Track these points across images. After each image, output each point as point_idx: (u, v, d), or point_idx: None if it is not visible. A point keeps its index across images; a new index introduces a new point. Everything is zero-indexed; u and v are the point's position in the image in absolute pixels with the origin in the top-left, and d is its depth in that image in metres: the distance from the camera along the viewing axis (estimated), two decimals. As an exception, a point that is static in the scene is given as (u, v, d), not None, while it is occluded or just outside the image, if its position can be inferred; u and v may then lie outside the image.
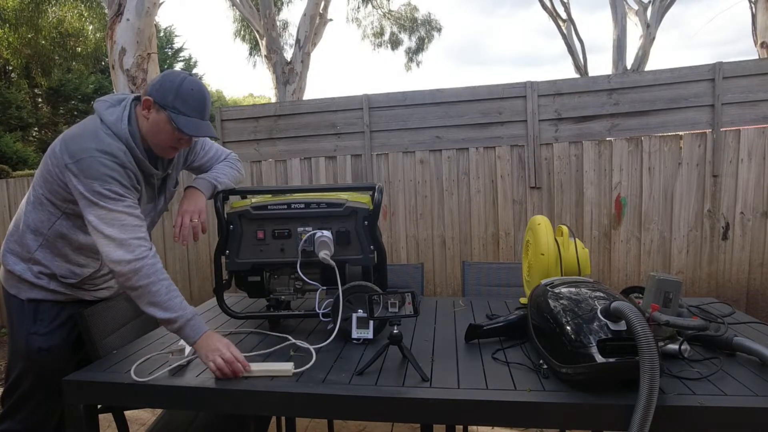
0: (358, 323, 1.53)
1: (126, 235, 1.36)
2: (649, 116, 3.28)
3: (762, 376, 1.21)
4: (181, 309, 1.36)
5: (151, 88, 1.44)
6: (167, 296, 1.36)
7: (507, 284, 2.30)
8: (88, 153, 1.37)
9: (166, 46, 20.16)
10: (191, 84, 1.44)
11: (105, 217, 1.36)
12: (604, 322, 1.16)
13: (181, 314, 1.36)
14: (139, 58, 5.40)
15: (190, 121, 1.44)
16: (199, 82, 1.48)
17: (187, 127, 1.43)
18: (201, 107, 1.46)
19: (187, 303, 1.40)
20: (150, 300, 1.36)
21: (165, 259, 4.05)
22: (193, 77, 1.47)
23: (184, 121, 1.42)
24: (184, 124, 1.42)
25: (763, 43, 7.11)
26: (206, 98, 1.47)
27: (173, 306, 1.36)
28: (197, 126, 1.45)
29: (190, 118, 1.44)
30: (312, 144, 3.74)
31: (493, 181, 3.48)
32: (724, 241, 3.25)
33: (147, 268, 1.35)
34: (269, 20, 9.01)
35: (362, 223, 1.61)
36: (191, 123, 1.44)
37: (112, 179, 1.38)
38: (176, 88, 1.42)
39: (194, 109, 1.45)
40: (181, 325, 1.36)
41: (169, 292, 1.37)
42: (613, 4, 10.99)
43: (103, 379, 1.34)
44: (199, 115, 1.46)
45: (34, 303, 1.54)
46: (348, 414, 1.25)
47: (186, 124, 1.43)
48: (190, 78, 1.46)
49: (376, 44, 16.00)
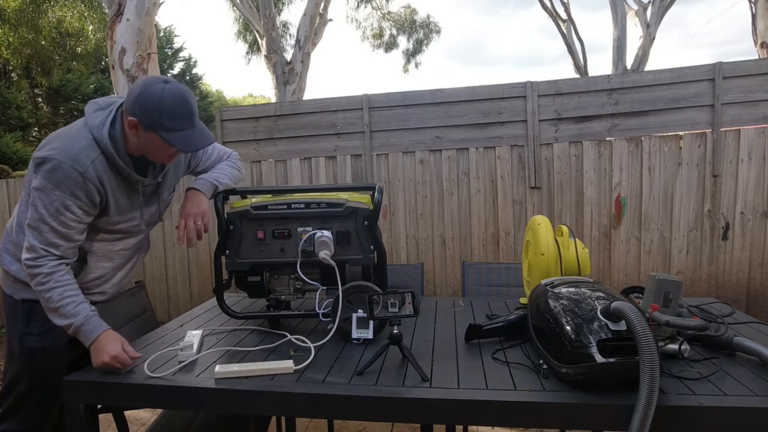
0: (358, 323, 1.53)
1: (38, 241, 1.37)
2: (649, 116, 3.28)
3: (762, 376, 1.21)
4: (73, 316, 1.38)
5: (132, 106, 1.37)
6: (59, 303, 1.38)
7: (507, 284, 2.30)
8: (54, 153, 1.35)
9: (166, 46, 20.16)
10: (173, 96, 1.36)
11: (37, 216, 1.36)
12: (604, 322, 1.16)
13: (72, 321, 1.38)
14: (139, 58, 5.40)
15: (184, 135, 1.39)
16: (179, 88, 1.39)
17: (183, 143, 1.39)
18: (190, 115, 1.40)
19: (84, 307, 1.40)
20: (45, 306, 1.41)
21: (165, 259, 4.05)
22: (172, 83, 1.39)
23: (178, 139, 1.38)
24: (179, 141, 1.38)
25: (763, 43, 7.11)
26: (192, 104, 1.41)
27: (66, 312, 1.38)
28: (193, 138, 1.41)
29: (183, 132, 1.39)
30: (312, 144, 3.74)
31: (493, 181, 3.48)
32: (724, 241, 3.25)
33: (41, 277, 1.37)
34: (269, 20, 9.01)
35: (362, 223, 1.61)
36: (186, 137, 1.39)
37: (64, 187, 1.35)
38: (158, 105, 1.35)
39: (184, 122, 1.39)
40: (74, 330, 1.39)
41: (62, 299, 1.38)
42: (613, 4, 10.99)
43: (103, 379, 1.34)
44: (190, 124, 1.40)
45: (29, 303, 1.53)
46: (348, 414, 1.25)
47: (182, 141, 1.39)
48: (169, 87, 1.37)
49: (375, 46, 16.02)
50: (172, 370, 1.36)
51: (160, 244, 4.05)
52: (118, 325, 1.77)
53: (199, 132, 1.43)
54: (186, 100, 1.39)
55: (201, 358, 1.45)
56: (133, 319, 1.87)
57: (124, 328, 1.79)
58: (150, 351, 1.52)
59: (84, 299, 1.42)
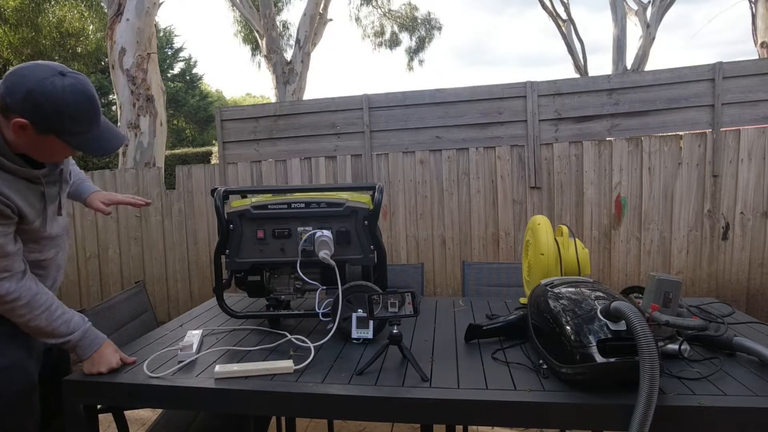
0: (358, 323, 1.53)
1: None
2: (649, 116, 3.28)
3: (762, 376, 1.21)
4: (68, 334, 1.32)
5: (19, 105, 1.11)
6: (50, 328, 1.29)
7: (507, 284, 2.30)
8: None
9: (166, 46, 20.17)
10: (76, 94, 1.14)
11: None
12: (604, 322, 1.16)
13: (69, 338, 1.33)
14: (139, 58, 5.40)
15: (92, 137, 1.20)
16: (81, 81, 1.16)
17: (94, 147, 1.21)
18: (94, 114, 1.19)
19: (76, 321, 1.34)
20: (32, 332, 1.30)
21: (165, 259, 4.05)
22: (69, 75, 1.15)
23: (87, 142, 1.20)
24: (89, 145, 1.20)
25: (763, 43, 7.11)
26: (94, 98, 1.18)
27: (60, 333, 1.31)
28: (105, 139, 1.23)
29: (90, 134, 1.20)
30: (312, 144, 3.74)
31: (493, 181, 3.48)
32: (724, 241, 3.25)
33: (17, 308, 1.24)
34: (269, 20, 9.01)
35: (362, 223, 1.61)
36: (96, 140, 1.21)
37: None
38: (59, 106, 1.12)
39: (91, 122, 1.19)
40: (72, 346, 1.35)
41: (51, 323, 1.29)
42: (613, 4, 10.99)
43: (103, 379, 1.34)
44: (97, 124, 1.21)
45: None
46: (348, 414, 1.25)
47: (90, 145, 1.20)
48: (69, 82, 1.13)
49: (376, 44, 16.02)
50: (172, 370, 1.36)
51: (160, 243, 4.05)
52: (119, 325, 1.77)
53: (108, 130, 1.24)
54: (92, 96, 1.17)
55: (201, 358, 1.45)
56: (133, 319, 1.88)
57: (124, 328, 1.79)
58: (150, 351, 1.52)
59: (69, 310, 1.35)
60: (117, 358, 1.39)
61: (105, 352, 1.38)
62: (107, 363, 1.36)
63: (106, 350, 1.38)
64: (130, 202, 1.71)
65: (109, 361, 1.36)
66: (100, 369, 1.35)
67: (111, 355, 1.38)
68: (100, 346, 1.37)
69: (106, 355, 1.37)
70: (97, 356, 1.36)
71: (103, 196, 1.68)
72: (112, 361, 1.37)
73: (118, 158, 5.70)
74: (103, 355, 1.37)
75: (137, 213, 4.06)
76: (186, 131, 21.54)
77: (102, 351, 1.37)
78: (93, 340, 1.37)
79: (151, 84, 5.49)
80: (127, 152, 5.41)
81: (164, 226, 4.03)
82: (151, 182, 4.01)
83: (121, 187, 4.06)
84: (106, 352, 1.38)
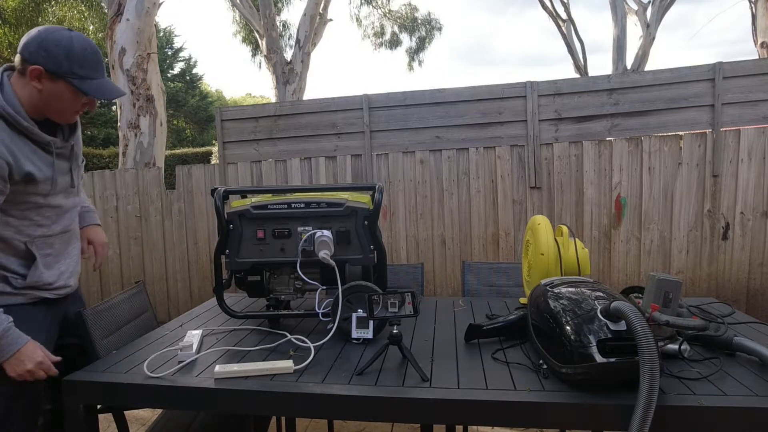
0: (358, 323, 1.53)
1: None
2: (649, 116, 3.28)
3: (762, 376, 1.21)
4: None
5: (34, 55, 1.25)
6: None
7: (507, 284, 2.30)
8: None
9: (166, 46, 20.18)
10: (81, 42, 1.29)
11: None
12: (604, 322, 1.16)
13: None
14: (139, 58, 5.40)
15: (97, 83, 1.32)
16: (83, 36, 1.32)
17: (97, 90, 1.32)
18: (100, 65, 1.33)
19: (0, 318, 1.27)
20: None
21: (165, 259, 4.06)
22: (75, 32, 1.31)
23: (91, 86, 1.31)
24: (93, 88, 1.31)
25: (763, 43, 7.11)
26: (97, 48, 1.33)
27: None
28: (107, 86, 1.34)
29: (94, 81, 1.32)
30: (312, 144, 3.74)
31: (493, 181, 3.48)
32: (724, 241, 3.25)
33: None
34: (269, 20, 9.01)
35: (362, 223, 1.61)
36: (99, 85, 1.32)
37: None
38: (67, 51, 1.26)
39: (95, 69, 1.32)
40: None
41: None
42: (613, 4, 11.00)
43: (103, 379, 1.34)
44: (101, 74, 1.33)
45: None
46: (348, 414, 1.25)
47: (96, 89, 1.32)
48: (76, 35, 1.30)
49: (376, 44, 16.03)
50: (171, 370, 1.36)
51: (160, 243, 4.05)
52: (119, 325, 1.77)
53: (110, 82, 1.37)
54: (95, 48, 1.33)
55: (201, 358, 1.45)
56: (133, 319, 1.88)
57: (124, 328, 1.79)
58: (150, 351, 1.52)
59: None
60: (41, 354, 1.31)
61: (27, 349, 1.30)
62: (31, 358, 1.29)
63: (29, 347, 1.30)
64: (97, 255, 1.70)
65: (32, 357, 1.29)
66: (26, 367, 1.28)
67: (34, 351, 1.30)
68: (23, 345, 1.29)
69: (29, 352, 1.30)
70: (20, 355, 1.28)
71: (91, 236, 1.70)
72: (37, 357, 1.30)
73: (118, 158, 5.69)
74: (24, 352, 1.29)
75: (137, 213, 4.06)
76: (186, 131, 21.55)
77: (24, 349, 1.29)
78: (15, 339, 1.29)
79: (151, 84, 5.49)
80: (127, 152, 5.41)
81: (164, 226, 4.03)
82: (151, 182, 4.01)
83: (121, 187, 4.06)
84: (29, 349, 1.30)
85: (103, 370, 1.39)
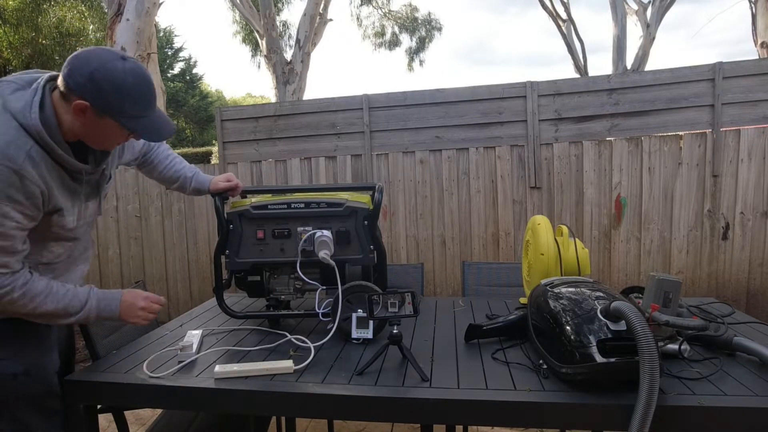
0: (358, 323, 1.53)
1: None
2: (649, 116, 3.28)
3: (762, 376, 1.21)
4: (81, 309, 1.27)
5: (82, 88, 1.12)
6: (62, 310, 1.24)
7: (507, 284, 2.29)
8: None
9: (166, 46, 20.18)
10: (136, 76, 1.15)
11: None
12: (604, 322, 1.16)
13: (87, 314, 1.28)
14: (139, 58, 5.40)
15: (148, 121, 1.20)
16: (140, 66, 1.18)
17: (150, 132, 1.22)
18: (152, 98, 1.20)
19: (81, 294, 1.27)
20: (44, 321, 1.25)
21: (165, 259, 4.06)
22: (130, 60, 1.16)
23: (142, 126, 1.20)
24: (145, 129, 1.20)
25: (763, 43, 7.12)
26: (152, 82, 1.20)
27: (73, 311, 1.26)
28: (159, 125, 1.23)
29: (146, 118, 1.20)
30: (312, 144, 3.74)
31: (493, 181, 3.48)
32: (724, 241, 3.25)
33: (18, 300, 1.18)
34: (269, 20, 9.01)
35: (362, 223, 1.61)
36: (151, 124, 1.21)
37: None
38: (120, 87, 1.12)
39: (148, 106, 1.19)
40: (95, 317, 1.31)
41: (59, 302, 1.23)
42: (613, 4, 11.00)
43: (103, 379, 1.34)
44: (153, 109, 1.21)
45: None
46: (348, 414, 1.25)
47: (148, 129, 1.21)
48: (130, 66, 1.15)
49: (377, 44, 16.03)
50: (171, 370, 1.36)
51: (160, 244, 4.05)
52: (119, 325, 1.77)
53: (161, 117, 1.25)
54: (149, 81, 1.20)
55: (201, 358, 1.45)
56: (133, 319, 1.87)
57: (124, 328, 1.79)
58: (150, 351, 1.52)
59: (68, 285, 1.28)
60: (141, 291, 1.37)
61: (127, 296, 1.35)
62: (135, 299, 1.34)
63: (127, 294, 1.35)
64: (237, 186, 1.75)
65: (136, 298, 1.34)
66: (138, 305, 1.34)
67: (133, 293, 1.35)
68: (120, 299, 1.34)
69: (130, 297, 1.34)
70: (124, 303, 1.33)
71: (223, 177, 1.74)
72: (140, 295, 1.35)
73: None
74: (126, 299, 1.34)
75: (137, 213, 4.06)
76: (186, 131, 21.55)
77: (125, 297, 1.34)
78: (111, 299, 1.33)
79: (151, 84, 5.49)
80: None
81: (164, 226, 4.03)
82: (151, 182, 4.01)
83: (121, 187, 4.06)
84: (129, 295, 1.35)
85: (103, 370, 1.40)
